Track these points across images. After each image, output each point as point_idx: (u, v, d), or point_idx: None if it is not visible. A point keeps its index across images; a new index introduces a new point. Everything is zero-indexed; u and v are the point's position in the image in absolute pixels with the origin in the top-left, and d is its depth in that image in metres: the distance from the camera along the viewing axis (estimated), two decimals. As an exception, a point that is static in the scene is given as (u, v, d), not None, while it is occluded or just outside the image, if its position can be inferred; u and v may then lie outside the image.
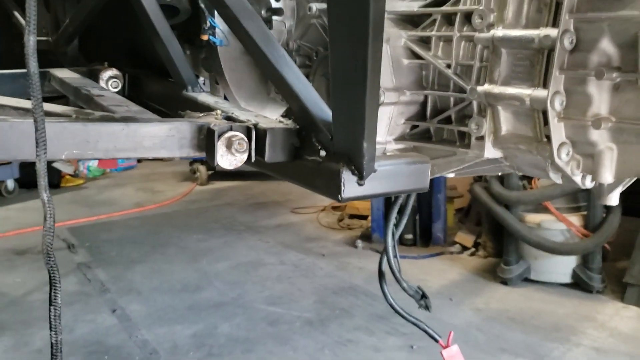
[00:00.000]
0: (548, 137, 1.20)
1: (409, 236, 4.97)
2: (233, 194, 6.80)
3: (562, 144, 1.20)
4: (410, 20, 1.53)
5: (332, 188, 1.24)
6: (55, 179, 6.86)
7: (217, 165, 1.27)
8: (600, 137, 1.18)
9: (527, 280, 4.24)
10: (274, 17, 1.76)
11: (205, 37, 1.85)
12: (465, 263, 4.68)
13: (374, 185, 1.26)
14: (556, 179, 1.30)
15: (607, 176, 1.19)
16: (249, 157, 1.29)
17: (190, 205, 6.36)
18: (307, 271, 4.54)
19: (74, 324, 3.56)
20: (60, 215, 5.64)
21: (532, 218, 4.14)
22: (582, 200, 4.12)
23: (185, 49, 2.34)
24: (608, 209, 4.03)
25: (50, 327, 1.10)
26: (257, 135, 1.30)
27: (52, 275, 1.03)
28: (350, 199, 1.26)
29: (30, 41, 0.86)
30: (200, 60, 2.18)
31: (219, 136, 1.25)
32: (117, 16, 1.94)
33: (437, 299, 4.01)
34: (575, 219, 4.07)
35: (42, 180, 0.93)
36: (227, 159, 1.27)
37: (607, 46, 1.14)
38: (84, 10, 1.86)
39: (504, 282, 4.22)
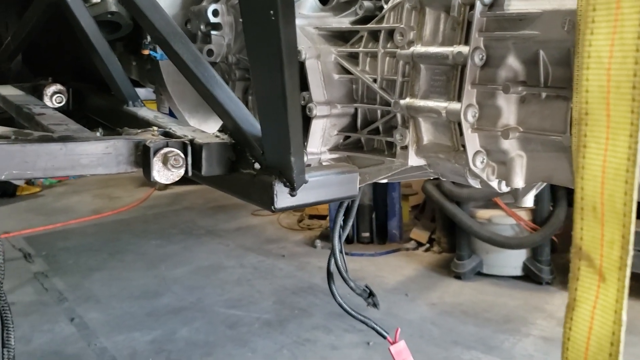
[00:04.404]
0: (464, 146, 1.29)
1: (366, 234, 5.07)
2: (192, 198, 6.78)
3: (476, 153, 1.29)
4: (341, 37, 1.60)
5: (265, 199, 1.30)
6: (11, 188, 6.75)
7: (154, 180, 1.32)
8: (510, 145, 1.27)
9: (480, 274, 4.38)
10: (213, 32, 1.81)
11: (146, 52, 1.88)
12: (421, 259, 4.80)
13: (306, 195, 1.33)
14: (475, 184, 1.39)
15: (519, 181, 1.29)
16: (186, 171, 1.35)
17: (148, 210, 6.33)
18: (266, 273, 4.59)
19: (32, 334, 3.55)
20: (16, 225, 5.56)
21: (483, 214, 4.28)
22: (529, 195, 4.27)
23: (131, 61, 2.37)
24: (555, 202, 4.19)
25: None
26: (194, 151, 1.35)
27: (4, 315, 1.02)
28: (283, 209, 1.32)
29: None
30: (145, 72, 2.21)
31: (155, 152, 1.29)
32: (60, 31, 1.96)
33: (393, 295, 4.13)
34: (523, 214, 4.22)
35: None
36: (164, 174, 1.33)
37: (513, 62, 1.23)
38: (26, 27, 1.87)
39: (458, 277, 4.35)
